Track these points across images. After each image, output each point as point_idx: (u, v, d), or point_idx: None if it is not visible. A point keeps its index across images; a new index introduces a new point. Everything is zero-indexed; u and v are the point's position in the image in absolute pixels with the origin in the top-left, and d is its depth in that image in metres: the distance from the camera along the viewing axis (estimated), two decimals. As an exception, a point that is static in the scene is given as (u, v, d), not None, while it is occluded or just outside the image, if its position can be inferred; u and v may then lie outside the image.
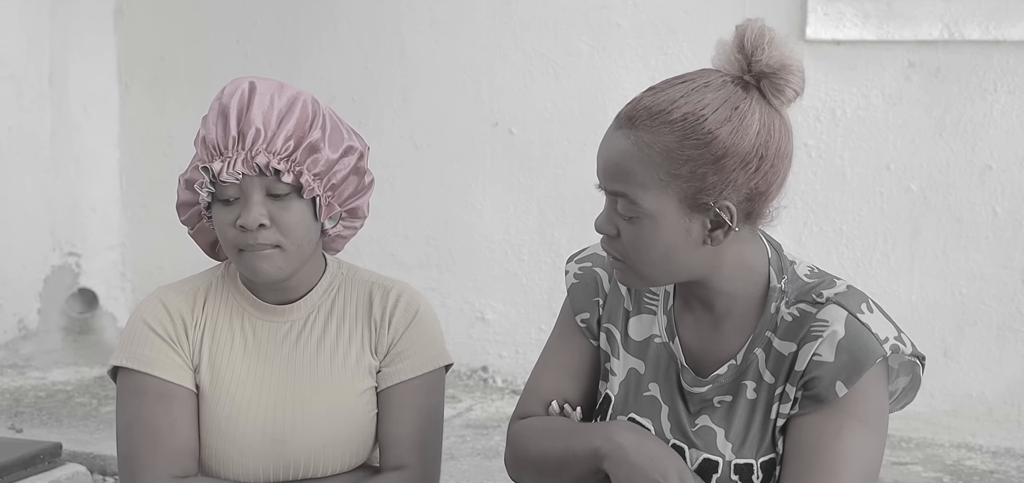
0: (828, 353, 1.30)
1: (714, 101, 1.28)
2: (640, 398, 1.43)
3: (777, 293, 1.36)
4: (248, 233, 1.47)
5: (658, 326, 1.43)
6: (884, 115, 3.67)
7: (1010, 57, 3.52)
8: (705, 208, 1.29)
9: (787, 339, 1.34)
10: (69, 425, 3.61)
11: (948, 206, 3.63)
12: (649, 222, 1.29)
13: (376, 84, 4.29)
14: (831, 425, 1.31)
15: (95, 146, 4.70)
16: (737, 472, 1.36)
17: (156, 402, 1.52)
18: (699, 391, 1.39)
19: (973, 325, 3.63)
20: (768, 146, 1.29)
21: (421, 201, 4.26)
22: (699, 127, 1.27)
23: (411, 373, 1.57)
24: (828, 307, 1.33)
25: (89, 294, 4.73)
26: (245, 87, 1.49)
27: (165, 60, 4.65)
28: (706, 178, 1.28)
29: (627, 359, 1.45)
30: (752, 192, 1.30)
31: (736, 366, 1.38)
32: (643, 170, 1.28)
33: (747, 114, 1.28)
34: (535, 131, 4.12)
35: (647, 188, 1.28)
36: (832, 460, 1.30)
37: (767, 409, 1.36)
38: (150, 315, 1.56)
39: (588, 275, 1.48)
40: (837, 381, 1.30)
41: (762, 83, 1.30)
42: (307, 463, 1.55)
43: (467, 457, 3.42)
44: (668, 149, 1.27)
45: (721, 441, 1.37)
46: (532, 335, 4.19)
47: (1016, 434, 3.57)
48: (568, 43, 4.04)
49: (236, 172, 1.45)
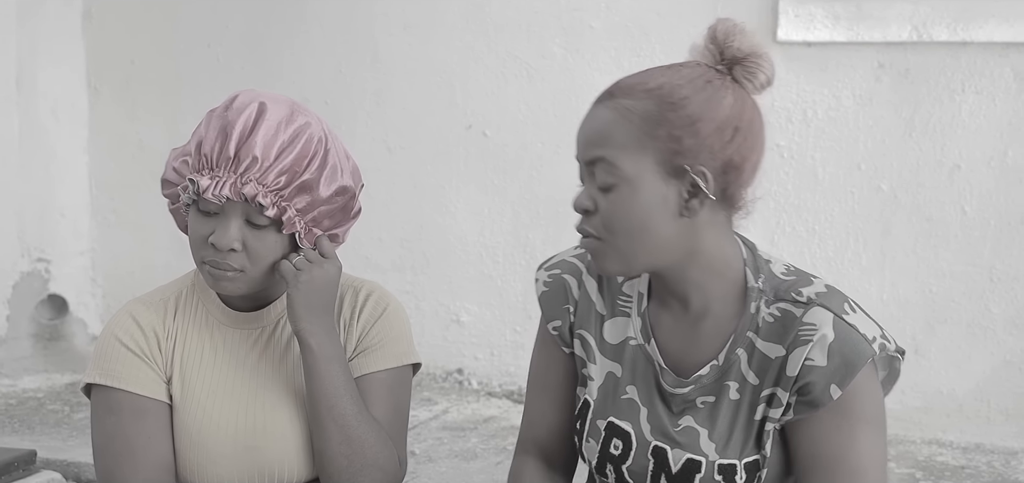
0: (820, 357, 1.32)
1: (690, 74, 1.35)
2: (618, 401, 1.44)
3: (756, 292, 1.38)
4: (218, 253, 1.47)
5: (633, 328, 1.44)
6: (855, 116, 3.70)
7: (977, 58, 3.57)
8: (682, 173, 1.32)
9: (771, 341, 1.36)
10: (41, 432, 3.57)
11: (918, 205, 3.67)
12: (627, 187, 1.32)
13: (349, 87, 4.28)
14: (843, 432, 1.33)
15: (64, 151, 4.66)
16: (720, 472, 1.37)
17: (131, 418, 1.52)
18: (681, 392, 1.40)
19: (943, 323, 3.67)
20: (742, 119, 1.34)
21: (395, 204, 4.26)
22: (676, 92, 1.32)
23: (377, 366, 1.58)
24: (813, 310, 1.35)
25: (59, 300, 4.68)
26: (255, 108, 1.47)
27: (135, 64, 4.62)
28: (682, 141, 1.31)
29: (604, 363, 1.45)
30: (727, 164, 1.33)
31: (718, 366, 1.39)
32: (621, 132, 1.32)
33: (721, 88, 1.34)
34: (509, 133, 4.12)
35: (626, 149, 1.31)
36: (855, 469, 1.33)
37: (751, 410, 1.37)
38: (122, 331, 1.55)
39: (557, 283, 1.49)
40: (831, 384, 1.32)
41: (734, 69, 1.36)
42: (280, 469, 1.55)
43: (444, 459, 3.42)
44: (646, 112, 1.31)
45: (704, 441, 1.38)
46: (507, 337, 4.20)
47: (986, 430, 3.62)
48: (541, 45, 4.05)
49: (221, 195, 1.45)
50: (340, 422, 1.50)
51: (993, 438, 3.59)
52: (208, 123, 1.48)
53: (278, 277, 1.53)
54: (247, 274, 1.49)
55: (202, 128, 1.49)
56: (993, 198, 3.60)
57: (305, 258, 1.51)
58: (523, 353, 4.16)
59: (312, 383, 1.50)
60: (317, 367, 1.49)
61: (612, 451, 1.43)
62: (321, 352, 1.49)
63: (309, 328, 1.49)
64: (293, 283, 1.49)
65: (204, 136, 1.47)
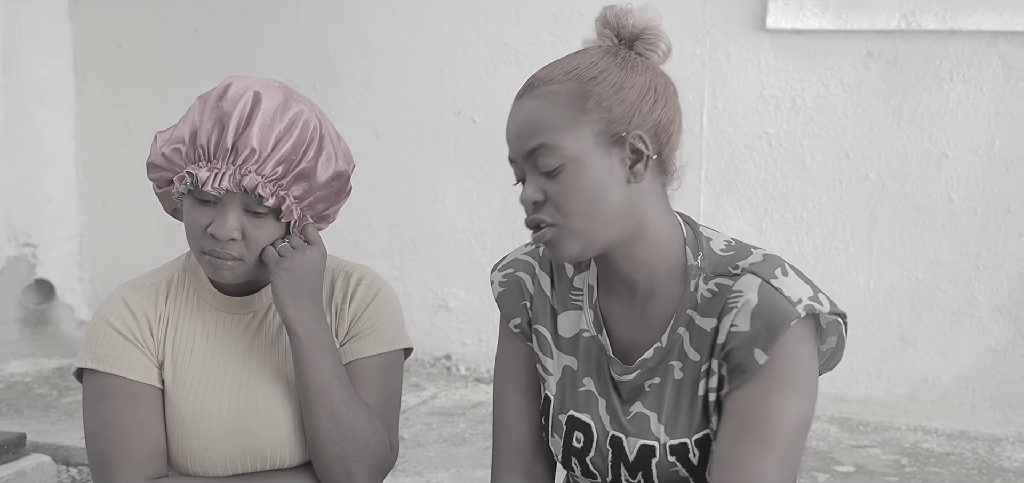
0: (744, 322, 1.33)
1: (599, 53, 1.38)
2: (576, 394, 1.45)
3: (694, 270, 1.39)
4: (217, 242, 1.47)
5: (585, 320, 1.45)
6: (843, 104, 3.71)
7: (965, 47, 3.58)
8: (620, 141, 1.34)
9: (707, 315, 1.37)
10: (30, 416, 3.57)
11: (905, 194, 3.69)
12: (573, 165, 1.33)
13: (337, 73, 4.28)
14: (758, 390, 1.33)
15: (51, 136, 4.64)
16: (673, 453, 1.38)
17: (123, 403, 1.52)
18: (629, 379, 1.41)
19: (929, 310, 3.69)
20: (659, 83, 1.38)
21: (384, 190, 4.26)
22: (592, 68, 1.36)
23: (369, 351, 1.58)
24: (743, 278, 1.36)
25: (46, 285, 4.67)
26: (249, 97, 1.46)
27: (122, 49, 4.60)
28: (612, 109, 1.34)
29: (560, 357, 1.47)
30: (657, 126, 1.36)
31: (662, 348, 1.40)
32: (553, 115, 1.34)
33: (630, 60, 1.38)
34: (497, 120, 4.11)
35: (562, 130, 1.33)
36: (761, 423, 1.32)
37: (694, 386, 1.38)
38: (113, 315, 1.55)
39: (512, 281, 1.50)
40: (755, 349, 1.32)
41: (635, 45, 1.39)
42: (272, 453, 1.55)
43: (433, 444, 3.42)
44: (571, 90, 1.34)
45: (655, 425, 1.39)
46: (495, 323, 4.18)
47: (971, 417, 3.64)
48: (530, 32, 4.05)
49: (220, 188, 1.44)
50: (329, 408, 1.50)
51: (978, 425, 3.62)
52: (201, 112, 1.47)
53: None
54: (245, 262, 1.49)
55: (195, 117, 1.47)
56: (980, 187, 3.61)
57: (289, 244, 1.51)
58: (511, 339, 4.17)
59: (301, 370, 1.50)
60: (305, 354, 1.49)
61: (574, 444, 1.44)
62: (309, 339, 1.50)
63: (296, 315, 1.50)
64: (276, 270, 1.49)
65: (198, 126, 1.45)
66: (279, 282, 1.50)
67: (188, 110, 1.51)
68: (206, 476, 1.55)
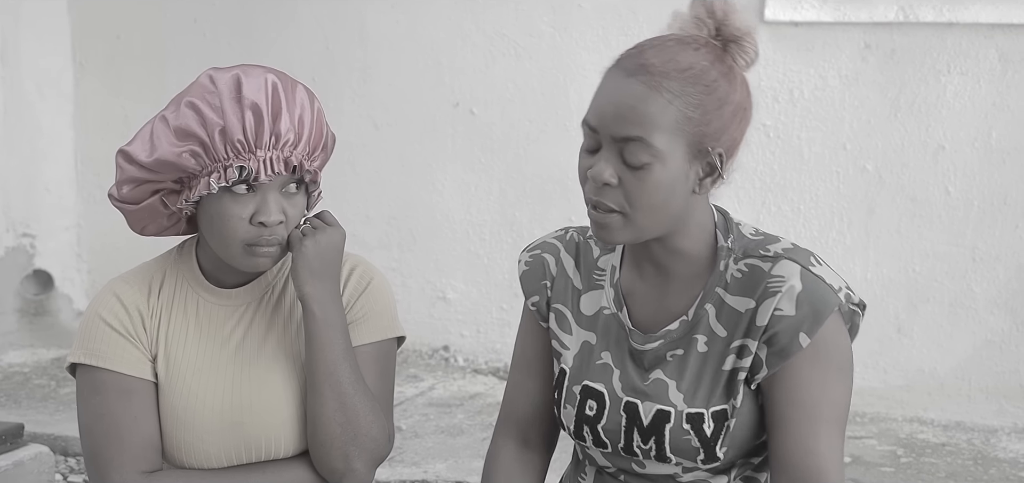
0: (789, 307, 1.37)
1: (710, 56, 1.37)
2: (592, 366, 1.49)
3: (725, 251, 1.43)
4: (265, 230, 1.48)
5: (606, 299, 1.50)
6: (841, 96, 3.72)
7: (963, 39, 3.59)
8: (705, 154, 1.36)
9: (741, 295, 1.41)
10: (28, 407, 3.58)
11: (902, 185, 3.70)
12: (660, 165, 1.34)
13: (336, 64, 4.28)
14: (803, 374, 1.38)
15: (49, 126, 4.64)
16: (688, 421, 1.42)
17: (117, 398, 1.52)
18: (652, 347, 1.45)
19: (926, 302, 3.70)
20: (747, 101, 1.40)
21: (382, 181, 4.26)
22: (707, 74, 1.35)
23: (362, 340, 1.59)
24: (781, 263, 1.39)
25: (44, 275, 4.67)
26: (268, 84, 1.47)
27: (121, 39, 4.60)
28: (712, 123, 1.35)
29: (579, 333, 1.51)
30: (733, 143, 1.39)
31: (687, 321, 1.44)
32: (663, 114, 1.33)
33: (733, 68, 1.38)
34: (496, 111, 4.13)
35: (665, 132, 1.33)
36: (811, 406, 1.38)
37: (719, 360, 1.42)
38: (105, 310, 1.55)
39: (537, 261, 1.55)
40: (800, 333, 1.37)
41: (729, 46, 1.39)
42: (267, 444, 1.56)
43: (431, 435, 3.43)
44: (686, 97, 1.34)
45: (673, 392, 1.43)
46: (493, 314, 4.21)
47: (967, 408, 3.65)
48: (529, 24, 4.05)
49: (272, 172, 1.46)
50: (337, 389, 1.51)
51: (974, 416, 3.63)
52: (221, 109, 1.46)
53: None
54: (282, 246, 1.52)
55: (211, 114, 1.45)
56: (977, 179, 3.62)
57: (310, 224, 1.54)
58: (509, 330, 4.18)
59: (313, 349, 1.51)
60: (319, 333, 1.50)
61: (587, 412, 1.48)
62: (324, 318, 1.51)
63: (312, 293, 1.51)
64: (297, 248, 1.51)
65: (225, 123, 1.45)
66: (301, 260, 1.51)
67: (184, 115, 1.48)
68: (201, 468, 1.56)
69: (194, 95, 1.47)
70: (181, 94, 1.50)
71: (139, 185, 1.51)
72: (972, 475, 3.22)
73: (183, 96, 1.49)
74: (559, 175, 4.03)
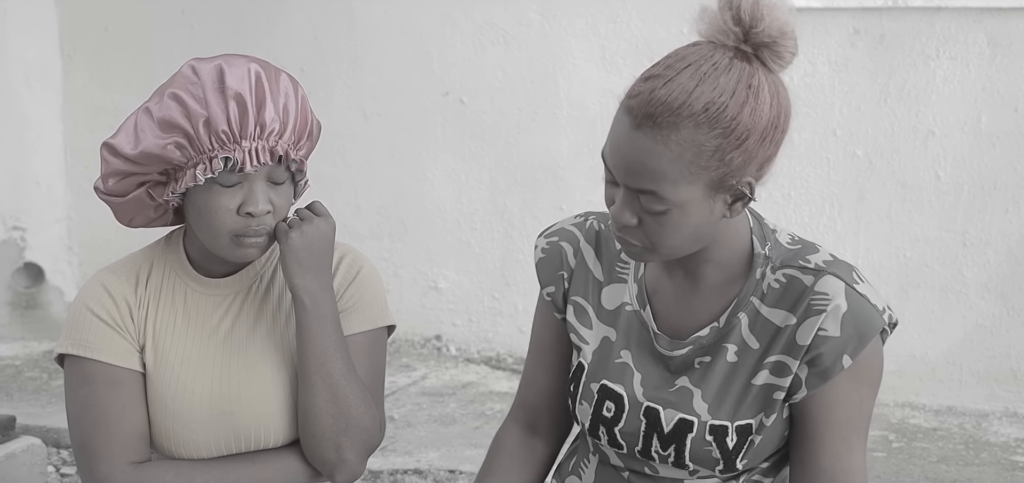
0: (833, 327, 1.32)
1: (729, 84, 1.26)
2: (612, 365, 1.45)
3: (762, 259, 1.38)
4: (253, 220, 1.47)
5: (629, 294, 1.45)
6: (830, 82, 3.72)
7: (952, 24, 3.59)
8: (729, 188, 1.30)
9: (778, 307, 1.36)
10: (20, 399, 3.57)
11: (892, 171, 3.70)
12: (678, 212, 1.29)
13: (325, 54, 4.27)
14: (840, 391, 1.35)
15: (38, 118, 4.62)
16: (711, 432, 1.38)
17: (104, 389, 1.52)
18: (680, 353, 1.41)
19: (916, 287, 3.71)
20: (780, 117, 1.30)
21: (372, 171, 4.25)
22: (723, 116, 1.25)
23: (352, 329, 1.58)
24: (824, 278, 1.34)
25: (35, 268, 4.66)
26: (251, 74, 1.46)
27: (109, 31, 4.58)
28: (732, 162, 1.27)
29: (599, 328, 1.47)
30: (764, 161, 1.31)
31: (718, 328, 1.39)
32: (672, 167, 1.26)
33: (760, 90, 1.27)
34: (486, 100, 4.12)
35: (676, 183, 1.27)
36: (843, 423, 1.36)
37: (750, 374, 1.38)
38: (93, 300, 1.55)
39: (554, 250, 1.51)
40: (843, 355, 1.33)
41: (760, 52, 1.29)
42: (256, 433, 1.55)
43: (424, 424, 3.43)
44: (697, 143, 1.25)
45: (697, 402, 1.39)
46: (485, 303, 4.21)
47: (958, 393, 3.66)
48: (518, 12, 4.04)
49: (257, 163, 1.46)
50: (328, 380, 1.51)
51: (965, 401, 3.64)
52: (205, 100, 1.45)
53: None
54: (268, 236, 1.52)
55: (195, 105, 1.44)
56: (967, 163, 3.63)
57: (298, 215, 1.53)
58: (501, 320, 4.18)
59: (303, 340, 1.51)
60: (309, 324, 1.50)
61: (605, 414, 1.44)
62: (315, 309, 1.50)
63: (303, 284, 1.50)
64: (284, 240, 1.51)
65: (209, 114, 1.44)
66: (288, 252, 1.51)
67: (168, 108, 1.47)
68: (190, 458, 1.55)
69: (177, 86, 1.47)
70: (164, 85, 1.49)
71: (124, 178, 1.50)
72: (963, 459, 3.24)
73: (166, 87, 1.48)
74: (549, 163, 4.02)
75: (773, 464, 1.45)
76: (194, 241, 1.57)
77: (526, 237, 4.12)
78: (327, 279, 1.54)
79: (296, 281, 1.52)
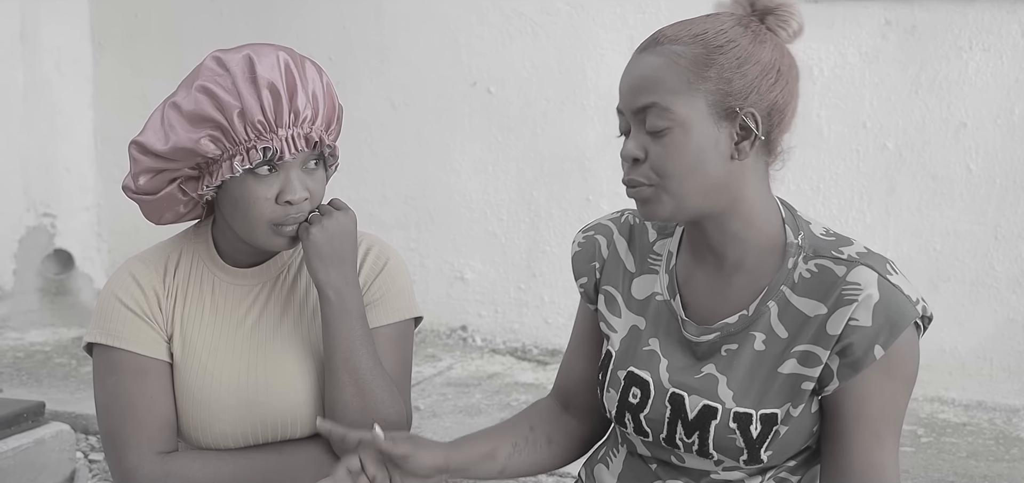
0: (865, 317, 1.32)
1: (729, 20, 1.37)
2: (639, 352, 1.47)
3: (794, 248, 1.39)
4: (292, 207, 1.48)
5: (660, 284, 1.47)
6: (861, 73, 3.69)
7: (985, 15, 3.55)
8: (732, 115, 1.34)
9: (808, 297, 1.37)
10: (49, 385, 3.60)
11: (923, 163, 3.67)
12: (680, 130, 1.33)
13: (353, 44, 4.27)
14: (872, 384, 1.35)
15: (69, 105, 4.66)
16: (735, 420, 1.38)
17: (132, 378, 1.53)
18: (707, 339, 1.42)
19: (947, 281, 3.67)
20: (783, 63, 1.37)
21: (400, 161, 4.26)
22: (721, 35, 1.34)
23: (379, 321, 1.59)
24: (857, 268, 1.35)
25: (65, 255, 4.70)
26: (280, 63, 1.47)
27: (139, 19, 4.61)
28: (732, 83, 1.33)
29: (628, 317, 1.49)
30: (772, 107, 1.35)
31: (747, 316, 1.40)
32: (672, 76, 1.33)
33: (760, 33, 1.37)
34: (513, 90, 4.11)
35: (678, 93, 1.33)
36: (877, 418, 1.36)
37: (776, 363, 1.38)
38: (121, 290, 1.56)
39: (589, 242, 1.55)
40: (875, 345, 1.33)
41: (767, 18, 1.38)
42: (283, 423, 1.56)
43: (449, 414, 3.44)
44: (695, 55, 1.33)
45: (722, 389, 1.39)
46: (511, 294, 4.21)
47: (988, 387, 3.63)
48: (546, 2, 4.03)
49: (294, 150, 1.47)
50: (354, 374, 1.51)
51: (995, 396, 3.61)
52: (236, 91, 1.45)
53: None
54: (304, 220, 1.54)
55: (227, 97, 1.45)
56: (999, 156, 3.59)
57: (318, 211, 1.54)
58: (527, 310, 4.17)
59: (329, 334, 1.51)
60: (334, 318, 1.51)
61: (631, 400, 1.45)
62: (340, 304, 1.51)
63: (327, 279, 1.51)
64: (305, 237, 1.51)
65: (243, 105, 1.44)
66: (311, 248, 1.51)
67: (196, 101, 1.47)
68: (217, 448, 1.56)
69: (204, 78, 1.46)
70: (188, 79, 1.48)
71: (156, 175, 1.50)
72: (993, 454, 3.21)
73: (191, 80, 1.48)
74: (576, 154, 4.01)
75: (800, 463, 1.44)
76: (222, 231, 1.57)
77: (553, 228, 4.11)
78: (351, 272, 1.54)
79: (320, 277, 1.52)
